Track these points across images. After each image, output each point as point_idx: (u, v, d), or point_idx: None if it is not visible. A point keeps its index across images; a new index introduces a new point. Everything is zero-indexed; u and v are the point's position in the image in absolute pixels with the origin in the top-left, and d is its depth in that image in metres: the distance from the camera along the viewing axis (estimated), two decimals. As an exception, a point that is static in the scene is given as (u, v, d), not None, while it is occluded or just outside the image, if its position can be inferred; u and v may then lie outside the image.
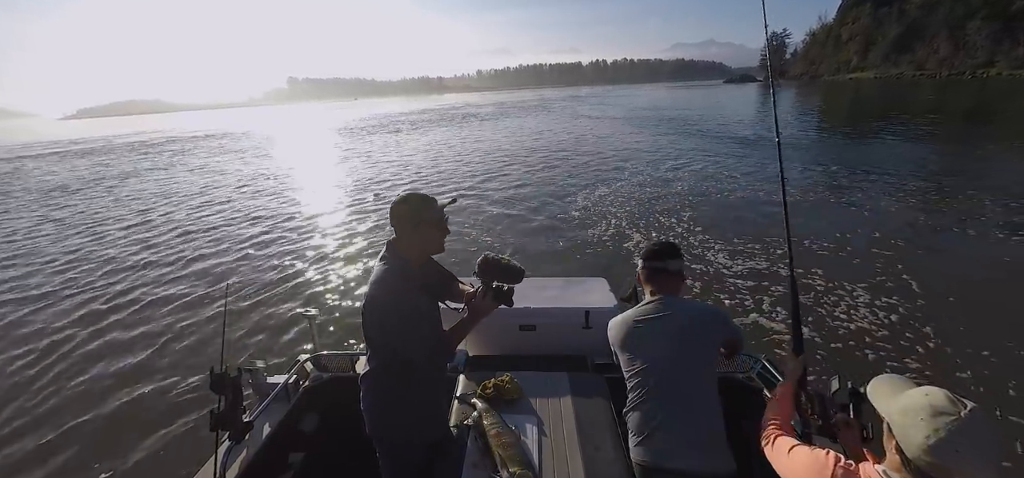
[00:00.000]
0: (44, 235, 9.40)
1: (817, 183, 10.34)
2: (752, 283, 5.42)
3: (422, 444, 1.69)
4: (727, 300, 5.08)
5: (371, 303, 1.51)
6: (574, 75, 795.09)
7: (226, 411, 1.58)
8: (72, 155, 28.06)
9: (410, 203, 1.57)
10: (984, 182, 9.42)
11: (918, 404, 0.91)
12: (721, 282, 5.51)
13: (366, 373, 1.66)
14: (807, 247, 6.42)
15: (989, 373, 3.65)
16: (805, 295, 4.99)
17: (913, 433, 0.90)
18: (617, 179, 11.52)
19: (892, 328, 4.36)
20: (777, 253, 6.22)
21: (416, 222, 1.55)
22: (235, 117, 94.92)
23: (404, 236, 1.57)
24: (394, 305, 1.48)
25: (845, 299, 4.93)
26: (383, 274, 1.52)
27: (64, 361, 4.62)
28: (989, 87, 51.06)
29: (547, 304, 2.53)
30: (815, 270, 5.64)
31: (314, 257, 7.20)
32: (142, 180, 16.22)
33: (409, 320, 1.50)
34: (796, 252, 6.19)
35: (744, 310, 4.85)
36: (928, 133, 17.71)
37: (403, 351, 1.54)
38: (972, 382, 3.56)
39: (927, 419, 0.88)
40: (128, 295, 6.12)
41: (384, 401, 1.64)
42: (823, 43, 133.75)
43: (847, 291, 5.09)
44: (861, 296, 4.97)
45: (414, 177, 13.83)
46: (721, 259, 6.21)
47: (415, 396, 1.64)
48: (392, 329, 1.50)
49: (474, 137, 24.31)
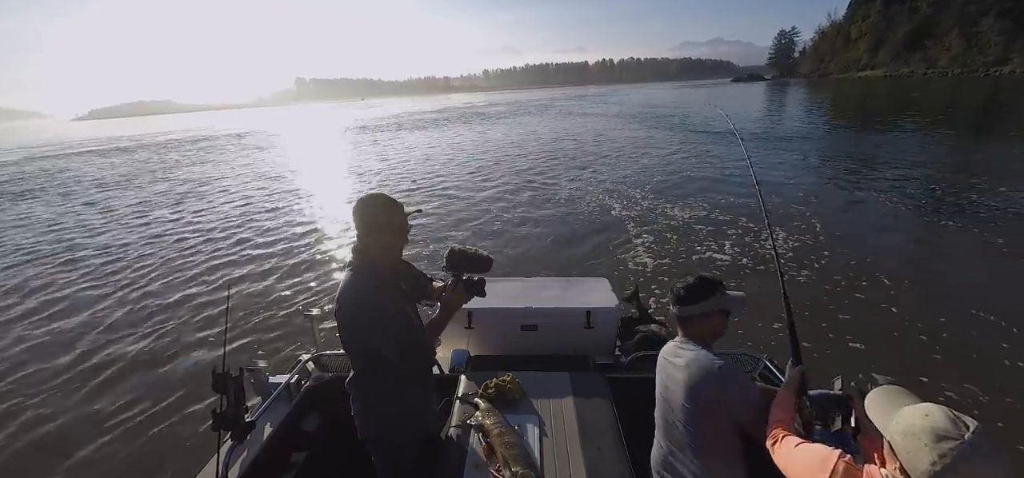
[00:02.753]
0: (43, 236, 9.54)
1: (823, 178, 10.25)
2: (753, 288, 5.38)
3: (412, 442, 1.70)
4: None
5: (339, 311, 1.51)
6: (580, 75, 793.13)
7: (228, 411, 1.58)
8: (93, 155, 28.43)
9: (372, 205, 1.56)
10: (992, 181, 9.28)
11: (919, 427, 0.89)
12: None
13: (350, 379, 1.67)
14: (808, 244, 6.37)
15: (990, 374, 3.59)
16: (807, 296, 4.98)
17: (917, 459, 0.88)
18: (611, 177, 11.50)
19: (894, 328, 4.32)
20: (776, 254, 6.17)
21: (380, 224, 1.54)
22: (244, 118, 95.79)
23: (365, 238, 1.56)
24: (361, 310, 1.48)
25: (846, 299, 4.89)
26: (349, 281, 1.52)
27: (64, 361, 4.66)
28: (1002, 85, 50.23)
29: (549, 304, 2.53)
30: (816, 269, 5.60)
31: (316, 257, 7.24)
32: (143, 180, 16.39)
33: (380, 323, 1.49)
34: (796, 252, 6.20)
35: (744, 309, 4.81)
36: (937, 130, 17.49)
37: (377, 354, 1.53)
38: (973, 385, 3.50)
39: (931, 445, 0.86)
40: (129, 294, 6.19)
41: (369, 404, 1.65)
42: (833, 41, 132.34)
43: (848, 291, 5.05)
44: (863, 296, 4.93)
45: (409, 177, 13.87)
46: (721, 257, 6.17)
47: (398, 396, 1.65)
48: (362, 334, 1.51)
49: (483, 137, 24.36)
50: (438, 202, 10.36)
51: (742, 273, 5.72)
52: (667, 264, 6.15)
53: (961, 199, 8.30)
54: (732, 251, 6.44)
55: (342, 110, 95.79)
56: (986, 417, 3.04)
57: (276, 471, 1.95)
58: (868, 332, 4.28)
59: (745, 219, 7.65)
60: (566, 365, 2.19)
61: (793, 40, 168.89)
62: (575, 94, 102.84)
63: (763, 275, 5.64)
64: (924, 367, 3.76)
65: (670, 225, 7.71)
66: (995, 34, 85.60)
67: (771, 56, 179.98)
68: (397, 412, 1.65)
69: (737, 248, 6.53)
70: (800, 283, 5.33)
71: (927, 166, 11.28)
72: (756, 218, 7.40)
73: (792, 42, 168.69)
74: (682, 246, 6.72)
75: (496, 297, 2.65)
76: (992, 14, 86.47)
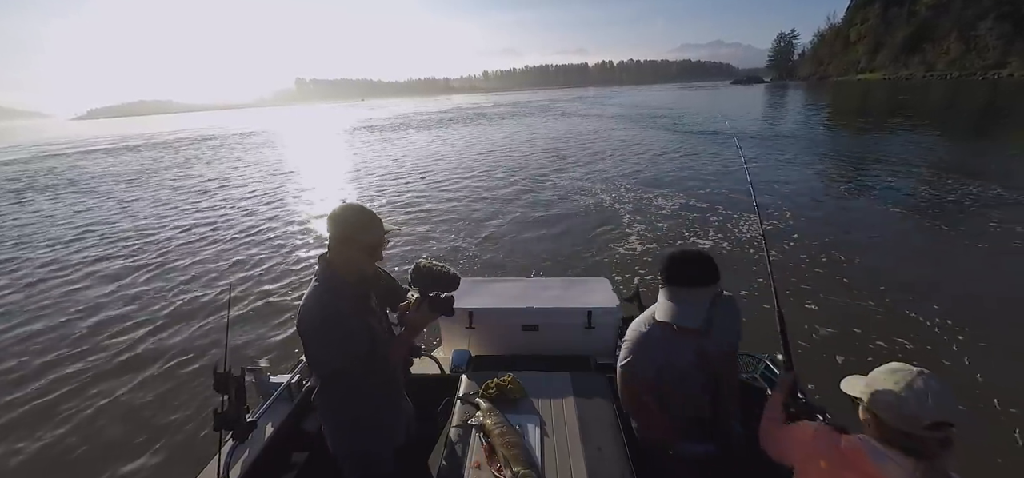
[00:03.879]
0: (44, 233, 9.54)
1: (819, 176, 10.27)
2: (752, 286, 5.39)
3: (387, 456, 1.67)
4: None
5: (300, 325, 1.47)
6: (580, 76, 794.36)
7: (229, 411, 1.58)
8: (100, 154, 28.42)
9: (346, 219, 1.48)
10: (989, 181, 9.30)
11: (879, 374, 1.11)
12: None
13: (315, 394, 1.63)
14: (807, 244, 6.38)
15: (989, 376, 3.60)
16: (807, 296, 4.99)
17: (881, 397, 1.07)
18: (609, 177, 11.51)
19: (893, 331, 4.31)
20: (774, 257, 6.19)
21: (350, 238, 1.47)
22: (247, 117, 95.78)
23: (335, 249, 1.50)
24: (321, 324, 1.43)
25: (843, 301, 4.90)
26: (311, 294, 1.47)
27: (64, 360, 4.65)
28: (1001, 88, 50.38)
29: (549, 304, 2.53)
30: (816, 270, 5.60)
31: (317, 256, 7.21)
32: (145, 179, 16.39)
33: (338, 339, 1.44)
34: (796, 252, 6.20)
35: (742, 311, 4.81)
36: (935, 132, 17.52)
37: (340, 372, 1.49)
38: (974, 386, 3.51)
39: (888, 376, 1.08)
40: (130, 293, 6.17)
41: (335, 422, 1.61)
42: (832, 44, 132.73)
43: (847, 292, 5.06)
44: (859, 298, 4.94)
45: (413, 177, 13.87)
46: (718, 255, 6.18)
47: (364, 410, 1.60)
48: (323, 350, 1.46)
49: (487, 136, 24.37)
50: (446, 202, 10.36)
51: (739, 272, 5.73)
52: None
53: (959, 198, 8.32)
54: (730, 250, 6.45)
55: (345, 110, 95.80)
56: (991, 424, 3.05)
57: (277, 471, 1.95)
58: (868, 336, 4.29)
59: (741, 222, 7.68)
60: (567, 365, 2.19)
61: (792, 43, 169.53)
62: (575, 95, 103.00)
63: (761, 273, 5.65)
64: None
65: (670, 227, 7.71)
66: (993, 38, 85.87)
67: (770, 58, 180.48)
68: (366, 426, 1.61)
69: (735, 248, 6.55)
70: (794, 284, 5.34)
71: (922, 166, 11.30)
72: (752, 221, 7.42)
73: (791, 45, 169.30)
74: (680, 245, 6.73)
75: (497, 297, 2.66)
76: (990, 18, 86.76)
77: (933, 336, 4.21)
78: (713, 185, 10.52)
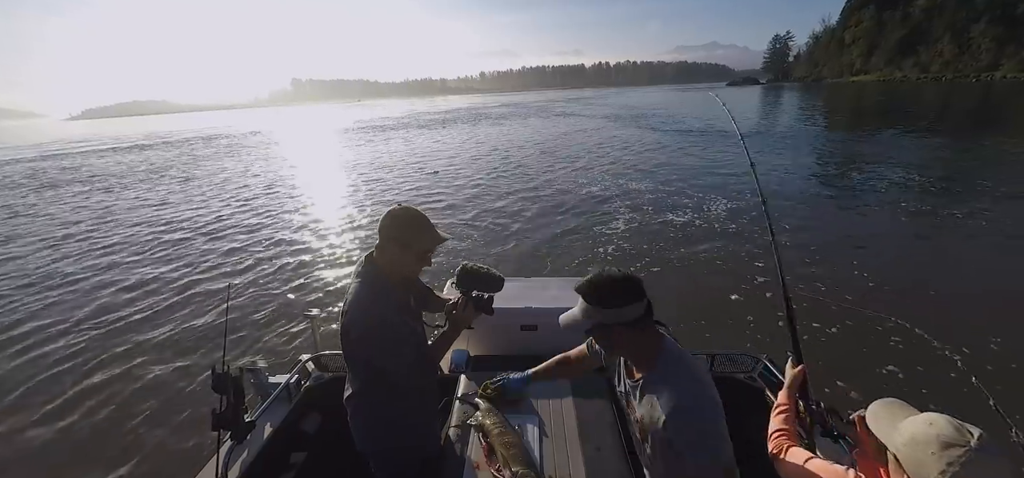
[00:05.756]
0: (44, 232, 9.47)
1: (818, 174, 10.33)
2: (747, 286, 5.41)
3: (416, 461, 1.67)
4: (721, 299, 5.07)
5: (350, 326, 1.43)
6: (577, 77, 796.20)
7: (228, 411, 1.58)
8: (93, 154, 28.23)
9: (400, 221, 1.46)
10: (987, 182, 9.38)
11: (924, 436, 0.89)
12: (713, 285, 5.50)
13: (350, 395, 1.60)
14: (806, 246, 6.41)
15: (989, 378, 3.63)
16: (805, 297, 4.99)
17: (924, 469, 0.87)
18: (609, 176, 11.54)
19: (892, 333, 4.33)
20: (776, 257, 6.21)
21: (404, 242, 1.46)
22: (242, 118, 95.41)
23: (388, 252, 1.48)
24: (374, 328, 1.41)
25: (845, 303, 4.91)
26: (361, 294, 1.44)
27: (63, 361, 4.62)
28: (994, 90, 50.83)
29: (549, 304, 2.54)
30: (813, 271, 5.63)
31: (316, 256, 7.21)
32: (145, 178, 16.29)
33: (390, 342, 1.43)
34: (796, 253, 6.22)
35: (742, 311, 4.84)
36: (929, 133, 17.66)
37: (386, 373, 1.49)
38: (970, 388, 3.53)
39: (938, 454, 0.86)
40: (129, 294, 6.14)
41: (372, 422, 1.61)
42: (827, 45, 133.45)
43: (846, 292, 5.07)
44: (862, 298, 4.95)
45: (418, 174, 13.87)
46: (714, 253, 6.20)
47: (404, 416, 1.61)
48: (373, 353, 1.45)
49: (489, 136, 24.37)
50: (458, 202, 10.36)
51: (740, 271, 5.75)
52: (668, 263, 6.18)
53: (955, 196, 8.39)
54: (732, 248, 6.48)
55: (343, 111, 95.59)
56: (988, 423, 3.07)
57: (276, 471, 1.94)
58: (869, 338, 4.31)
59: (744, 217, 7.72)
60: None
61: (788, 44, 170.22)
62: (572, 96, 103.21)
63: (761, 270, 5.68)
64: (924, 372, 3.79)
65: (669, 222, 7.73)
66: (986, 40, 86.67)
67: (766, 60, 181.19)
68: (401, 429, 1.62)
69: (736, 243, 6.58)
70: (799, 280, 5.37)
71: (928, 165, 11.39)
72: (754, 217, 7.46)
73: (787, 46, 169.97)
74: (682, 246, 6.74)
75: (496, 297, 2.66)
76: (983, 20, 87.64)
77: (933, 335, 4.24)
78: (712, 169, 10.58)
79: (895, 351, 4.04)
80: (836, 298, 4.99)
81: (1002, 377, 3.62)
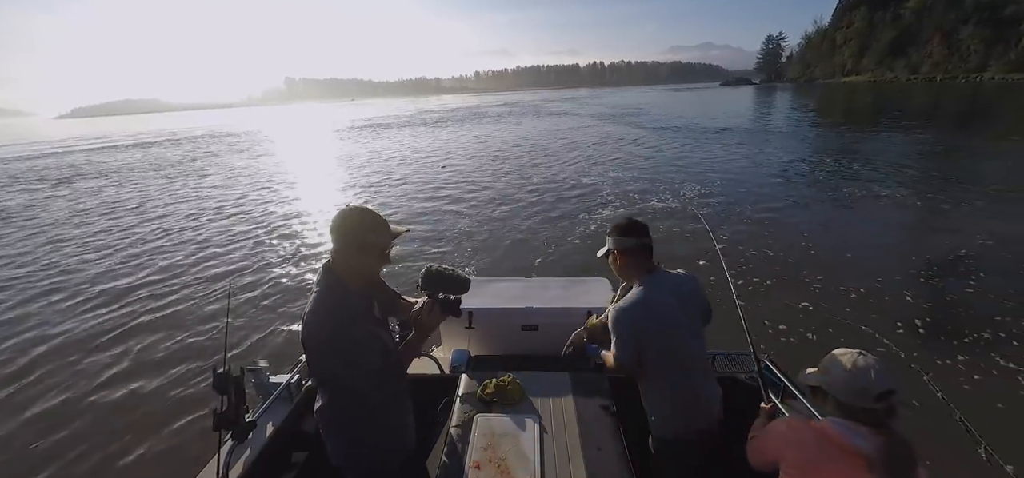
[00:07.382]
0: (43, 232, 9.35)
1: (801, 175, 10.43)
2: (750, 284, 5.46)
3: (393, 469, 1.64)
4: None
5: (307, 339, 1.37)
6: (572, 77, 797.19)
7: (228, 411, 1.58)
8: (90, 152, 27.89)
9: (357, 220, 1.40)
10: (969, 179, 9.51)
11: (829, 360, 1.23)
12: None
13: (320, 407, 1.53)
14: (803, 244, 6.48)
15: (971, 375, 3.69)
16: (802, 299, 5.06)
17: (834, 376, 1.18)
18: (606, 175, 11.58)
19: (879, 330, 4.40)
20: (765, 256, 6.28)
21: (360, 243, 1.40)
22: (235, 116, 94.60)
23: (340, 254, 1.42)
24: (332, 340, 1.35)
25: (804, 292, 5.01)
26: (317, 303, 1.38)
27: (64, 361, 4.59)
28: (982, 90, 51.52)
29: (549, 304, 2.54)
30: (813, 271, 5.69)
31: (316, 255, 7.18)
32: (145, 178, 16.12)
33: (350, 354, 1.38)
34: (796, 251, 6.25)
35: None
36: (920, 131, 17.86)
37: (350, 384, 1.44)
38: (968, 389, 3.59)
39: (838, 363, 1.19)
40: (130, 294, 6.08)
41: (343, 436, 1.54)
42: (819, 46, 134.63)
43: (808, 284, 5.16)
44: (818, 286, 5.10)
45: (417, 175, 13.83)
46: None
47: (373, 425, 1.55)
48: (334, 365, 1.39)
49: (488, 136, 24.34)
50: (455, 203, 10.34)
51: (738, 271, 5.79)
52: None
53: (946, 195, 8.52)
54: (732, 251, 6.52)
55: (338, 110, 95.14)
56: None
57: (277, 471, 1.94)
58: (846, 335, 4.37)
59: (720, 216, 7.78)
60: (567, 365, 2.20)
61: (781, 45, 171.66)
62: (567, 96, 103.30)
63: (757, 268, 5.73)
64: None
65: (659, 228, 7.79)
66: (975, 42, 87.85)
67: (759, 61, 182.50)
68: (375, 439, 1.56)
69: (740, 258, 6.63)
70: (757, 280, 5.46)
71: (912, 163, 11.52)
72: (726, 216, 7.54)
73: (780, 47, 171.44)
74: (680, 246, 6.80)
75: (497, 297, 2.66)
76: (972, 22, 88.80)
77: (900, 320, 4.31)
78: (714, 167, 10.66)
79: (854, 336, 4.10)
80: (798, 289, 5.06)
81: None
